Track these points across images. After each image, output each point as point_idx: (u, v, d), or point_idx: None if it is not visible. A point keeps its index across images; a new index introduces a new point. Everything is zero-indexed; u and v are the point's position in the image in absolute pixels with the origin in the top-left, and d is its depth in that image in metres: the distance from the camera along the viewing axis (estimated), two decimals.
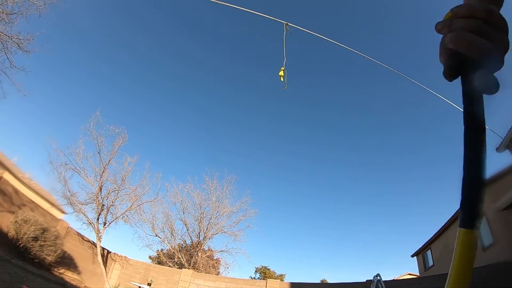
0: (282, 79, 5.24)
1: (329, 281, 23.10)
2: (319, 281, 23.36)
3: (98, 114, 17.03)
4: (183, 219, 20.15)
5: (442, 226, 16.15)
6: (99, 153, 16.47)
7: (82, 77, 33.07)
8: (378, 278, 10.98)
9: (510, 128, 12.13)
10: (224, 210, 20.21)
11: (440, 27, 0.64)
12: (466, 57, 0.59)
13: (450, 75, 0.62)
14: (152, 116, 40.12)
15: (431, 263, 17.30)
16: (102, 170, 16.21)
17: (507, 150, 12.96)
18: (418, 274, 19.82)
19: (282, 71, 5.24)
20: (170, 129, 39.75)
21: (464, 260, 0.55)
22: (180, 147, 40.63)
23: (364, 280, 11.98)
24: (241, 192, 24.63)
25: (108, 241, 21.76)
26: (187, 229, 20.28)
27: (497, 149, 13.21)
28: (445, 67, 0.63)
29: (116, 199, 16.44)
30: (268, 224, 43.10)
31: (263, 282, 12.84)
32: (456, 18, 0.62)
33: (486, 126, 0.57)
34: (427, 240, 17.70)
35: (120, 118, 35.74)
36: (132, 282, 13.39)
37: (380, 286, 10.74)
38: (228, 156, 40.93)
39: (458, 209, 0.57)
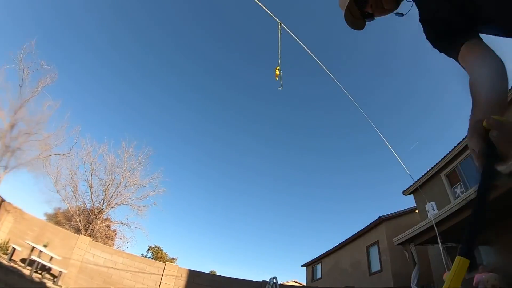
0: (277, 78, 5.31)
1: (218, 273, 23.83)
2: (208, 272, 23.96)
3: (32, 43, 15.14)
4: (89, 181, 18.48)
5: (336, 246, 18.19)
6: (20, 86, 14.52)
7: None
8: (274, 280, 11.13)
9: (420, 178, 14.11)
10: (134, 181, 19.31)
11: (491, 123, 0.79)
12: (499, 152, 0.78)
13: (480, 157, 0.80)
14: (90, 63, 34.24)
15: (319, 276, 19.27)
16: (19, 106, 14.23)
17: (412, 195, 15.09)
18: (304, 283, 21.78)
19: (278, 70, 5.31)
20: (103, 83, 35.71)
21: (456, 281, 0.71)
22: (107, 104, 36.30)
23: (260, 280, 12.15)
24: (155, 168, 24.19)
25: (5, 189, 19.52)
26: (91, 193, 18.70)
27: (404, 192, 15.26)
28: (477, 150, 0.81)
29: (25, 143, 14.52)
30: (173, 206, 42.82)
31: (161, 264, 11.92)
32: (506, 122, 0.78)
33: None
34: (319, 254, 19.69)
35: (56, 56, 31.27)
36: (26, 241, 11.94)
37: None
38: (151, 128, 38.95)
39: (460, 244, 0.75)
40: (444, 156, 13.71)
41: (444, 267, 11.01)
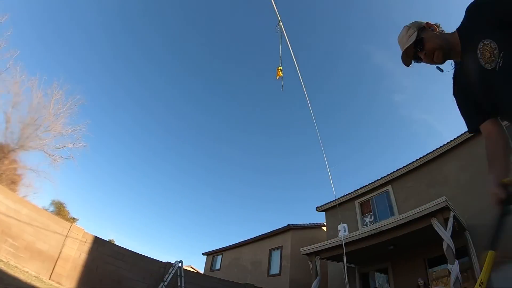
0: (277, 78, 5.22)
1: (116, 242, 23.12)
2: (107, 239, 23.04)
3: None
4: (8, 114, 16.98)
5: (240, 242, 18.74)
6: None
7: None
8: (180, 264, 10.95)
9: (337, 199, 15.08)
10: (56, 128, 18.04)
11: (508, 182, 1.35)
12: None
13: (501, 200, 1.37)
14: None
15: (218, 267, 19.55)
16: None
17: (324, 212, 16.09)
18: (200, 271, 22.00)
19: (280, 71, 5.20)
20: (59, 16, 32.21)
21: (488, 268, 1.34)
22: (56, 34, 33.52)
23: (165, 261, 11.76)
24: (82, 120, 22.69)
25: None
26: (6, 128, 16.93)
27: (317, 208, 16.21)
28: (501, 196, 1.37)
29: None
30: (90, 166, 40.44)
31: (67, 224, 10.09)
32: None
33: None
34: (222, 246, 20.01)
35: None
36: None
37: (179, 272, 10.74)
38: (96, 80, 36.12)
39: (491, 243, 1.42)
40: (362, 187, 15.03)
41: (342, 283, 12.03)
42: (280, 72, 5.16)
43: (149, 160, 46.11)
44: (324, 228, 18.47)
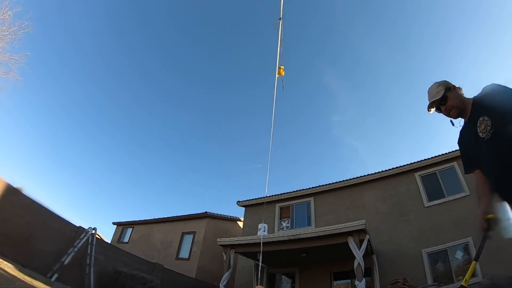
0: (278, 75, 5.05)
1: (24, 192, 21.13)
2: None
3: None
4: None
5: (154, 219, 18.33)
6: None
7: None
8: (93, 231, 9.86)
9: (260, 198, 15.36)
10: None
11: (490, 218, 1.97)
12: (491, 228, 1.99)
13: (484, 229, 2.01)
14: None
15: (126, 240, 18.79)
16: None
17: (244, 208, 16.21)
18: (107, 240, 20.96)
19: (282, 70, 5.05)
20: None
21: (470, 274, 2.01)
22: None
23: (77, 225, 10.23)
24: (23, 50, 20.06)
25: None
26: None
27: (238, 202, 16.33)
28: (484, 227, 2.01)
29: None
30: (21, 104, 36.32)
31: None
32: (496, 218, 1.97)
33: None
34: (135, 219, 19.30)
35: None
36: None
37: (91, 240, 9.64)
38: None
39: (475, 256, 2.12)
40: (286, 192, 15.57)
41: (249, 279, 12.32)
42: (282, 71, 5.03)
43: (80, 113, 42.90)
44: (239, 223, 18.76)
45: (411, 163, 14.71)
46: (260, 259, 9.84)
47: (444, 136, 55.39)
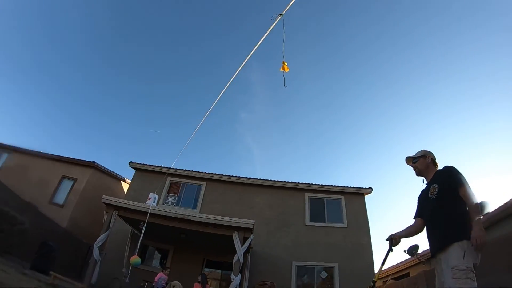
0: (281, 70, 4.82)
1: None
2: None
3: None
4: None
5: (35, 151, 16.33)
6: None
7: None
8: None
9: (154, 166, 14.87)
10: None
11: (394, 239, 3.07)
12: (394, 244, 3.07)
13: (390, 245, 3.07)
14: None
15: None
16: None
17: (134, 170, 15.55)
18: None
19: (286, 65, 4.83)
20: None
21: (378, 276, 3.20)
22: None
23: None
24: None
25: None
26: None
27: (130, 163, 15.64)
28: (392, 244, 3.08)
29: None
30: None
31: None
32: (398, 238, 3.10)
33: None
34: (17, 146, 17.04)
35: None
36: None
37: None
38: None
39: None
40: (182, 169, 15.25)
41: (122, 245, 11.84)
42: (286, 67, 4.82)
43: None
44: (124, 184, 17.96)
45: (305, 183, 15.77)
46: (144, 228, 9.56)
47: (342, 172, 59.72)
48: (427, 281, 11.44)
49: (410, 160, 3.31)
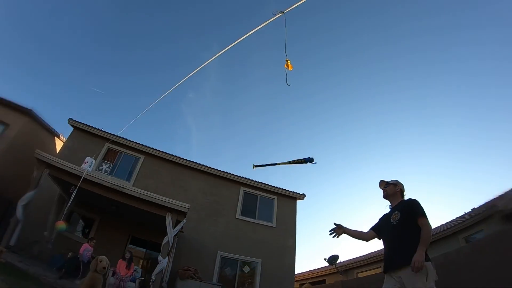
0: (285, 66, 4.69)
1: None
2: None
3: None
4: None
5: None
6: None
7: None
8: None
9: (95, 129, 14.13)
10: None
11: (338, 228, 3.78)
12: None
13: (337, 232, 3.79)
14: None
15: None
16: None
17: (72, 128, 14.64)
18: None
19: (290, 64, 4.69)
20: None
21: None
22: None
23: None
24: None
25: None
26: None
27: (70, 120, 14.76)
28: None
29: None
30: None
31: None
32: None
33: None
34: None
35: None
36: None
37: None
38: None
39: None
40: (122, 137, 14.08)
41: (47, 206, 11.13)
42: (290, 66, 4.70)
43: None
44: (58, 141, 16.85)
45: (243, 177, 16.01)
46: (74, 193, 9.14)
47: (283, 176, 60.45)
48: None
49: (383, 184, 3.71)
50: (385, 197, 3.66)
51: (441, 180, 58.35)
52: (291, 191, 16.74)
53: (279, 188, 16.47)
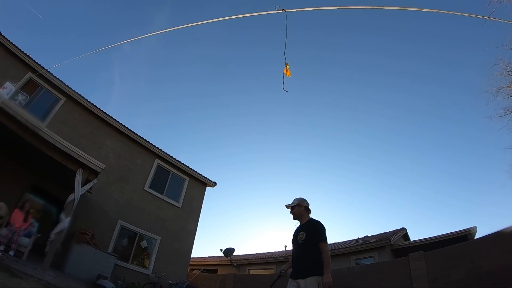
0: (284, 72, 4.45)
1: None
2: None
3: None
4: None
5: None
6: None
7: None
8: None
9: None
10: None
11: (283, 271, 4.16)
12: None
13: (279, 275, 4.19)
14: None
15: None
16: None
17: None
18: None
19: (288, 70, 4.45)
20: None
21: None
22: None
23: None
24: None
25: None
26: None
27: None
28: (279, 276, 4.18)
29: None
30: None
31: None
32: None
33: None
34: None
35: None
36: None
37: None
38: None
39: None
40: (45, 68, 12.64)
41: None
42: (288, 72, 4.46)
43: None
44: None
45: (160, 149, 15.56)
46: None
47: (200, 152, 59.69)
48: (234, 282, 12.61)
49: (288, 207, 4.05)
50: (294, 218, 4.05)
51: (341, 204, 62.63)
52: (204, 176, 16.75)
53: (193, 170, 16.36)
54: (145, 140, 15.09)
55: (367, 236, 17.27)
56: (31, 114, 11.59)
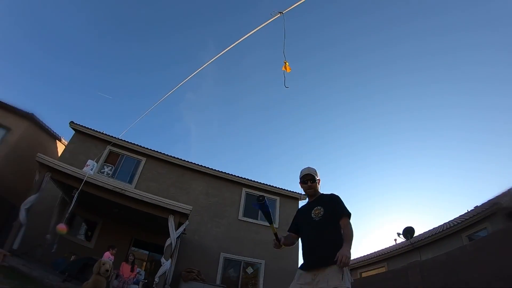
0: (283, 69, 4.53)
1: None
2: None
3: None
4: None
5: None
6: None
7: None
8: None
9: (95, 131, 14.15)
10: None
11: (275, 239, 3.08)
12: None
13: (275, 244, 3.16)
14: None
15: None
16: None
17: (74, 131, 14.60)
18: None
19: (288, 65, 4.53)
20: None
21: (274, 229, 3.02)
22: None
23: None
24: None
25: None
26: None
27: (71, 124, 14.75)
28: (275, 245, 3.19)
29: None
30: None
31: None
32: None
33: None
34: None
35: None
36: None
37: None
38: None
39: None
40: (124, 140, 14.18)
41: (50, 209, 11.12)
42: (288, 67, 4.54)
43: None
44: (59, 144, 16.82)
45: (244, 178, 16.05)
46: (75, 197, 9.18)
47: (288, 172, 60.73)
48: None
49: (309, 177, 3.23)
50: (312, 194, 3.25)
51: (444, 179, 58.36)
52: (293, 191, 16.74)
53: (281, 188, 16.50)
54: (228, 173, 15.84)
55: (477, 206, 15.35)
56: (117, 180, 13.11)
